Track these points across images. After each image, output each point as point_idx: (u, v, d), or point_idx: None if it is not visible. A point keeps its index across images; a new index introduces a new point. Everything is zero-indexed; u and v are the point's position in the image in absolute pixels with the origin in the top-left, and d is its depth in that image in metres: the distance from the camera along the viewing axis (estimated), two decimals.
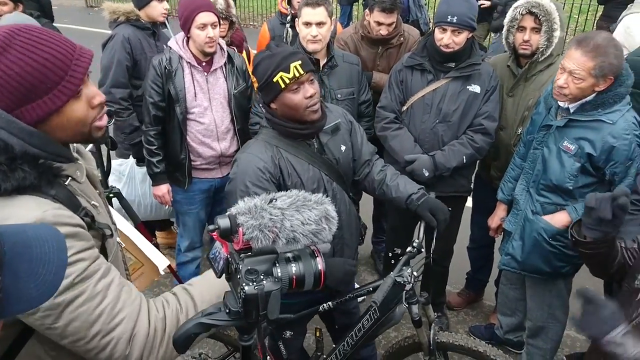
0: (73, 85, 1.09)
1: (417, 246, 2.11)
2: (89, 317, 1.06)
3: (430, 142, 2.74)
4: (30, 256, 0.70)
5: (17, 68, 1.02)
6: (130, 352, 1.12)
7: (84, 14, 12.43)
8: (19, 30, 1.05)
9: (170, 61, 2.77)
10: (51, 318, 1.03)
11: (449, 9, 2.52)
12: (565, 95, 2.15)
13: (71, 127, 1.13)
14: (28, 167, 1.02)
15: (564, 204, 2.30)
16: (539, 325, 2.63)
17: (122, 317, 1.11)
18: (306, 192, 1.14)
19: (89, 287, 1.06)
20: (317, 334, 2.45)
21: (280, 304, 1.17)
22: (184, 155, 2.89)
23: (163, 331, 1.17)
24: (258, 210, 1.07)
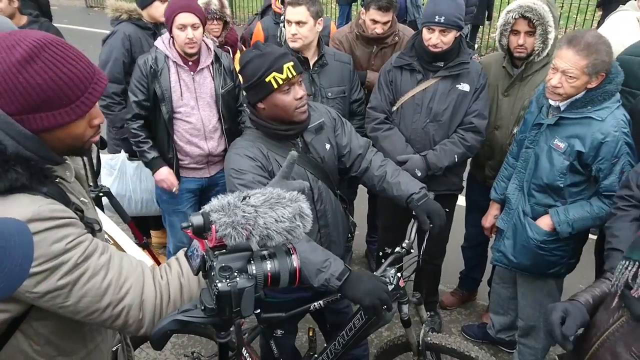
0: (86, 107, 1.13)
1: (406, 247, 2.10)
2: (97, 291, 1.11)
3: (421, 141, 2.74)
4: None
5: (39, 79, 1.04)
6: (142, 316, 1.18)
7: (83, 14, 12.46)
8: (50, 43, 1.08)
9: (156, 60, 2.77)
10: (61, 298, 1.08)
11: (436, 8, 2.52)
12: (559, 95, 2.16)
13: (67, 141, 1.16)
14: (21, 169, 1.05)
15: (553, 205, 2.30)
16: (530, 325, 2.63)
17: (129, 286, 1.16)
18: (281, 190, 1.14)
19: (92, 263, 1.11)
20: (310, 333, 2.45)
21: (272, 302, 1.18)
22: (171, 155, 2.91)
23: (168, 296, 1.22)
24: (231, 208, 1.07)
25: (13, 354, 1.17)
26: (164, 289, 1.22)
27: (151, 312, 1.19)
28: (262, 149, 1.97)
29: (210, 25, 3.23)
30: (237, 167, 1.92)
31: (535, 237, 2.34)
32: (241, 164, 1.92)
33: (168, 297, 1.22)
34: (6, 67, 1.03)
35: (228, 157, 2.00)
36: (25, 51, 1.03)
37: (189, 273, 1.25)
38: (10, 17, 3.51)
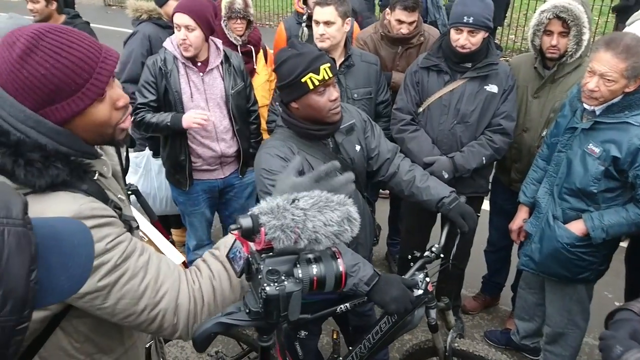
0: (98, 88, 1.09)
1: (436, 251, 2.09)
2: (135, 294, 1.10)
3: (448, 143, 2.72)
4: (60, 249, 0.72)
5: (42, 70, 1.02)
6: (177, 321, 1.17)
7: (102, 13, 12.56)
8: (47, 31, 1.05)
9: (165, 62, 2.73)
10: (100, 299, 1.08)
11: (465, 9, 2.50)
12: (596, 99, 2.12)
13: (94, 129, 1.14)
14: (61, 165, 1.05)
15: (585, 209, 2.26)
16: (557, 332, 2.59)
17: (166, 290, 1.15)
18: (329, 193, 1.13)
19: (131, 264, 1.10)
20: (334, 335, 2.44)
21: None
22: (183, 157, 2.88)
23: (202, 300, 1.20)
24: (280, 211, 1.06)
25: (53, 351, 1.17)
26: (197, 293, 1.20)
27: (185, 317, 1.18)
28: (293, 148, 1.96)
29: (234, 24, 3.21)
30: (267, 167, 1.91)
31: (565, 241, 2.31)
32: (272, 164, 1.91)
33: (202, 302, 1.21)
34: (10, 65, 1.03)
35: (259, 156, 1.99)
36: (24, 44, 1.02)
37: (220, 275, 1.24)
38: (47, 17, 3.55)
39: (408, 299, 1.85)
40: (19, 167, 1.00)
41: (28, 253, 0.64)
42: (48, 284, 0.69)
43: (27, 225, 0.66)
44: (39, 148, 1.03)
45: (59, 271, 0.70)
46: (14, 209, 0.65)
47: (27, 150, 1.02)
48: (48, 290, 0.69)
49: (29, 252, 0.64)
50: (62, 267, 0.71)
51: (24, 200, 0.69)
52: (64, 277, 0.71)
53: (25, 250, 0.64)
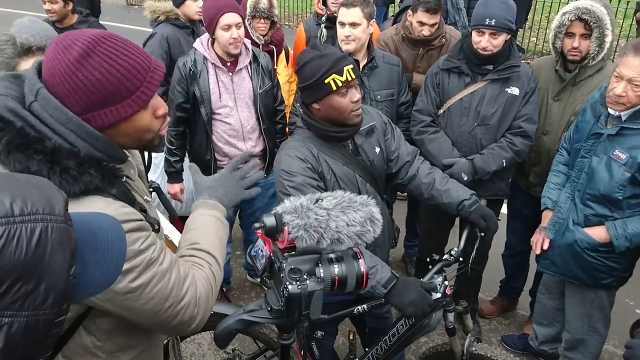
0: (146, 96, 1.13)
1: (455, 255, 2.07)
2: (164, 293, 1.13)
3: (468, 145, 2.70)
4: (95, 244, 0.74)
5: (98, 74, 1.05)
6: (197, 312, 1.21)
7: (124, 12, 12.73)
8: (104, 38, 1.09)
9: (195, 63, 2.76)
10: (131, 300, 1.10)
11: (487, 11, 2.47)
12: (623, 104, 2.08)
13: (134, 135, 1.17)
14: (94, 171, 1.07)
15: (609, 216, 2.23)
16: (577, 338, 2.55)
17: (188, 285, 1.18)
18: (352, 194, 1.13)
19: (160, 267, 1.13)
20: (350, 336, 2.44)
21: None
22: (209, 156, 2.90)
23: (210, 287, 1.25)
24: (304, 210, 1.07)
25: (76, 349, 1.19)
26: (205, 282, 1.24)
27: (204, 307, 1.22)
28: (313, 149, 1.97)
29: (257, 23, 3.23)
30: (287, 168, 1.92)
31: (584, 245, 2.28)
32: (291, 165, 1.92)
33: (210, 287, 1.25)
34: (65, 67, 1.05)
35: (278, 157, 2.00)
36: (81, 48, 1.05)
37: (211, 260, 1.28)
38: (64, 17, 3.62)
39: (426, 302, 1.84)
40: (54, 174, 1.02)
41: (69, 249, 0.66)
42: (84, 278, 0.71)
43: (68, 221, 0.68)
44: (74, 155, 1.05)
45: (94, 266, 0.72)
46: (56, 206, 0.66)
47: (63, 158, 1.04)
48: (83, 285, 0.71)
49: (70, 247, 0.66)
50: (97, 262, 0.73)
51: (65, 197, 0.70)
52: (98, 271, 0.73)
53: (67, 246, 0.65)
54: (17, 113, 1.03)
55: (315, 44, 1.98)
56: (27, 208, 0.63)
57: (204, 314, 1.23)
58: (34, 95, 1.05)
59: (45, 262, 0.62)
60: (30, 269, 0.61)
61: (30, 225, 0.62)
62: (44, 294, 0.62)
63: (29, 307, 0.61)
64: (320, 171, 1.97)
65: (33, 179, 0.71)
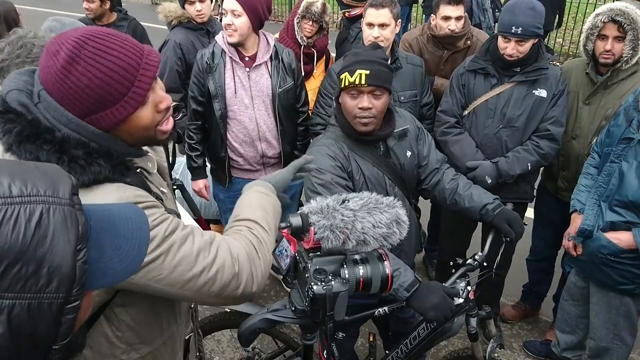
0: (140, 95, 1.09)
1: (479, 260, 2.05)
2: (190, 258, 1.09)
3: (493, 147, 2.66)
4: (114, 232, 0.73)
5: (86, 80, 1.03)
6: (239, 271, 1.14)
7: (149, 11, 12.87)
8: (88, 38, 1.05)
9: (213, 55, 2.67)
10: (155, 271, 1.07)
11: (514, 19, 2.41)
12: None
13: (137, 133, 1.15)
14: (103, 161, 1.05)
15: (637, 222, 2.17)
16: (602, 346, 2.50)
17: (217, 247, 1.14)
18: (378, 195, 1.13)
19: (178, 235, 1.10)
20: (370, 338, 2.43)
21: None
22: (224, 154, 2.81)
23: (253, 246, 1.19)
24: (330, 211, 1.07)
25: (96, 338, 1.20)
26: (245, 242, 1.19)
27: (247, 265, 1.15)
28: (344, 148, 1.97)
29: (305, 24, 3.19)
30: (317, 165, 1.92)
31: (606, 252, 2.23)
32: (321, 163, 1.91)
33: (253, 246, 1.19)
34: (55, 75, 1.03)
35: (309, 153, 2.00)
36: (67, 54, 1.03)
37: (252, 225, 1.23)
38: (101, 16, 3.68)
39: (448, 307, 1.81)
40: (63, 164, 1.01)
41: (75, 232, 0.64)
42: (101, 265, 0.70)
43: (74, 205, 0.66)
44: (83, 145, 1.04)
45: (113, 254, 0.71)
46: (61, 188, 0.65)
47: (71, 147, 1.03)
48: (101, 272, 0.70)
49: (76, 230, 0.65)
50: (116, 250, 0.72)
51: (74, 182, 0.69)
52: (117, 259, 0.72)
53: (72, 228, 0.64)
54: (29, 109, 1.04)
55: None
56: (26, 189, 0.62)
57: (250, 274, 1.16)
58: (37, 97, 1.06)
59: (47, 244, 0.61)
60: (29, 250, 0.60)
61: (30, 206, 0.61)
62: (47, 277, 0.61)
63: (31, 290, 0.60)
64: (350, 171, 1.96)
65: (41, 165, 0.70)
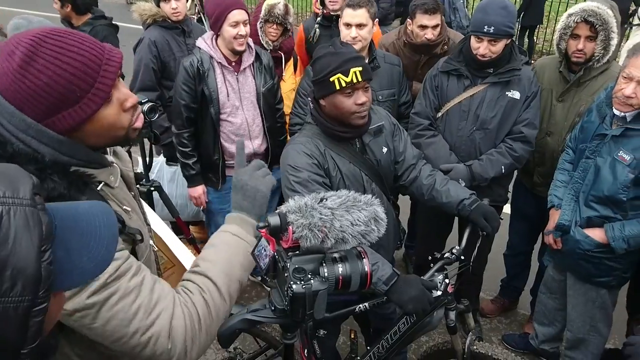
0: (103, 92, 1.06)
1: (456, 253, 2.07)
2: (126, 315, 1.04)
3: (466, 150, 2.66)
4: (81, 230, 0.71)
5: (45, 78, 0.99)
6: (172, 346, 1.09)
7: (124, 11, 12.71)
8: (45, 36, 1.02)
9: (202, 62, 2.74)
10: (88, 318, 1.02)
11: (485, 18, 2.41)
12: (631, 105, 2.07)
13: (104, 132, 1.11)
14: (58, 177, 0.98)
15: (612, 217, 2.22)
16: (579, 337, 2.55)
17: (159, 312, 1.08)
18: (356, 193, 1.13)
19: (122, 284, 1.05)
20: (352, 335, 2.44)
21: None
22: (217, 156, 2.89)
23: (197, 316, 1.15)
24: (308, 209, 1.07)
25: (56, 358, 1.13)
26: (191, 310, 1.14)
27: (182, 341, 1.11)
28: (320, 145, 1.97)
29: (269, 28, 3.14)
30: (293, 163, 1.92)
31: (585, 247, 2.29)
32: (298, 161, 1.92)
33: (198, 318, 1.15)
34: (12, 76, 0.99)
35: (286, 152, 2.01)
36: (23, 53, 0.99)
37: (208, 287, 1.19)
38: (67, 18, 3.60)
39: (426, 299, 1.84)
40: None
41: (38, 232, 0.63)
42: (69, 265, 0.68)
43: (36, 205, 0.65)
44: (35, 160, 0.97)
45: (80, 252, 0.70)
46: (21, 189, 0.64)
47: (22, 163, 0.94)
48: (69, 272, 0.68)
49: (39, 231, 0.63)
50: (83, 248, 0.70)
51: (35, 181, 0.68)
52: (85, 258, 0.70)
53: (35, 229, 0.63)
54: None
55: (334, 41, 1.99)
56: None
57: (183, 348, 1.10)
58: None
59: (9, 247, 0.60)
60: None
61: None
62: (10, 280, 0.59)
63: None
64: (327, 168, 1.97)
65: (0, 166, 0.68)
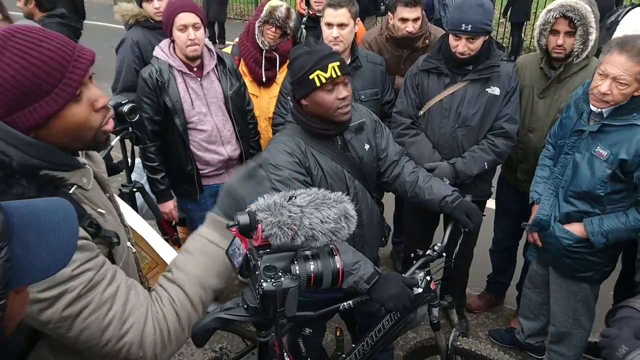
0: (70, 88, 1.04)
1: (438, 250, 2.09)
2: (99, 326, 1.05)
3: (449, 147, 2.67)
4: (38, 226, 0.71)
5: (11, 71, 0.98)
6: (143, 354, 1.12)
7: (110, 11, 12.63)
8: (15, 32, 1.01)
9: (161, 72, 2.64)
10: (63, 329, 1.03)
11: (463, 16, 2.42)
12: (606, 102, 2.08)
13: (72, 132, 1.09)
14: (27, 182, 0.96)
15: (591, 212, 2.25)
16: (562, 331, 2.58)
17: (132, 323, 1.10)
18: (326, 190, 1.14)
19: (96, 296, 1.05)
20: (337, 333, 2.45)
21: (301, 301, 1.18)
22: (190, 166, 2.81)
23: (167, 328, 1.16)
24: (277, 208, 1.08)
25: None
26: (162, 323, 1.15)
27: (152, 350, 1.13)
28: (301, 144, 1.98)
29: (268, 30, 3.05)
30: (274, 162, 1.93)
31: (565, 243, 2.31)
32: (278, 160, 1.93)
33: (167, 330, 1.16)
34: None
35: (267, 150, 2.02)
36: None
37: (179, 297, 1.20)
38: (30, 15, 3.59)
39: (407, 296, 1.86)
40: None
41: None
42: (28, 261, 0.68)
43: None
44: (2, 165, 0.96)
45: (39, 248, 0.70)
46: None
47: None
48: (29, 268, 0.69)
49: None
50: (43, 244, 0.70)
51: None
52: (45, 253, 0.70)
53: None
54: None
55: (309, 41, 1.99)
56: None
57: (154, 356, 1.12)
58: None
59: None
60: None
61: None
62: None
63: None
64: (308, 166, 1.97)
65: None
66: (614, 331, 1.51)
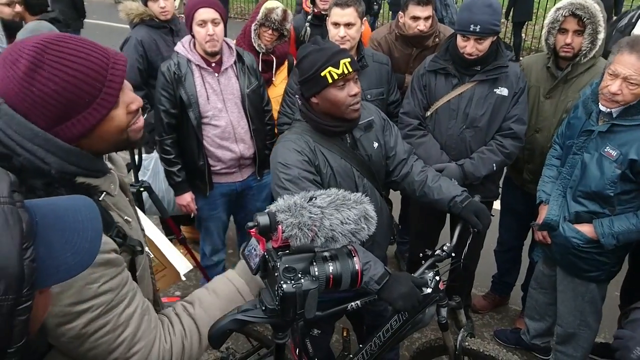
0: (111, 97, 1.05)
1: (447, 250, 2.08)
2: (109, 347, 1.06)
3: (457, 148, 2.66)
4: (62, 226, 0.70)
5: (53, 85, 0.98)
6: None
7: (112, 10, 12.59)
8: (50, 43, 1.00)
9: (179, 66, 2.68)
10: (75, 344, 1.03)
11: (472, 17, 2.41)
12: (617, 102, 2.08)
13: (111, 137, 1.10)
14: (65, 191, 0.98)
15: (600, 212, 2.24)
16: (569, 332, 2.58)
17: (139, 348, 1.11)
18: (345, 191, 1.13)
19: (114, 318, 1.06)
20: (344, 333, 2.44)
21: None
22: (202, 162, 2.82)
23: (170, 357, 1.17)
24: (298, 209, 1.07)
25: None
26: (166, 353, 1.16)
27: None
28: (310, 142, 1.97)
29: (264, 32, 3.02)
30: (283, 160, 1.92)
31: (574, 243, 2.31)
32: (288, 158, 1.91)
33: (181, 349, 1.18)
34: (17, 84, 0.97)
35: (275, 149, 2.00)
36: (28, 61, 0.97)
37: (191, 332, 1.21)
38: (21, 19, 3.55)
39: (416, 296, 1.85)
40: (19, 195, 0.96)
41: (18, 230, 0.62)
42: (52, 261, 0.68)
43: (15, 202, 0.64)
44: (42, 174, 0.97)
45: (63, 248, 0.69)
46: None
47: (29, 177, 0.94)
48: (53, 268, 0.68)
49: (19, 229, 0.62)
50: (67, 244, 0.69)
51: (12, 179, 0.67)
52: (69, 253, 0.69)
53: (14, 227, 0.62)
54: None
55: (317, 39, 1.98)
56: None
57: None
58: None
59: None
60: None
61: None
62: None
63: None
64: (317, 164, 1.96)
65: None
66: (628, 332, 1.51)
